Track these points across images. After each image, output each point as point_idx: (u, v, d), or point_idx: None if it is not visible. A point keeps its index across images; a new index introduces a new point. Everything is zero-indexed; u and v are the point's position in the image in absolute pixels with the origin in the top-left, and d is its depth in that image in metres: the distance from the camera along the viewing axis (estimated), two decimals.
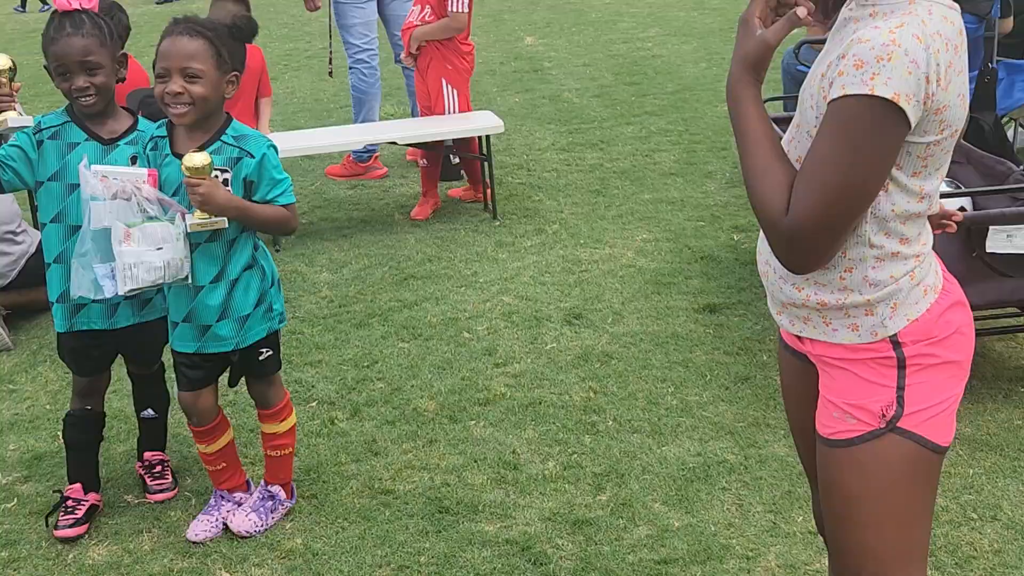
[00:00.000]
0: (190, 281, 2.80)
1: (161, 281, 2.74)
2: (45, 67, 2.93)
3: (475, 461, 3.33)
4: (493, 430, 3.51)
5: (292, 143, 5.58)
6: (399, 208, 5.84)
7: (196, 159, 2.64)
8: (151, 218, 2.70)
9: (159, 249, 2.69)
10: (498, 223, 5.49)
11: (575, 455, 3.32)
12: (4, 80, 2.84)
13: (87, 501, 3.15)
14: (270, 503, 3.09)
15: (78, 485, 3.17)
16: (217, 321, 2.86)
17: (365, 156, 6.39)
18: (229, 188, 2.78)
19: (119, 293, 2.75)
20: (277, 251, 5.23)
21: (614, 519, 2.99)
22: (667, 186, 5.88)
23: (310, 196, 6.18)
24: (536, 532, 2.95)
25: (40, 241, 3.07)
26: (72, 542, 3.06)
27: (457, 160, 6.16)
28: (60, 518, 3.10)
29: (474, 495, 3.14)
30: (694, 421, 3.48)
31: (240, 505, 3.09)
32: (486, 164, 5.53)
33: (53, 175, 2.93)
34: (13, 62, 2.87)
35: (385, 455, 3.40)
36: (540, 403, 3.65)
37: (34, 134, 2.92)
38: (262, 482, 3.13)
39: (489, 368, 3.93)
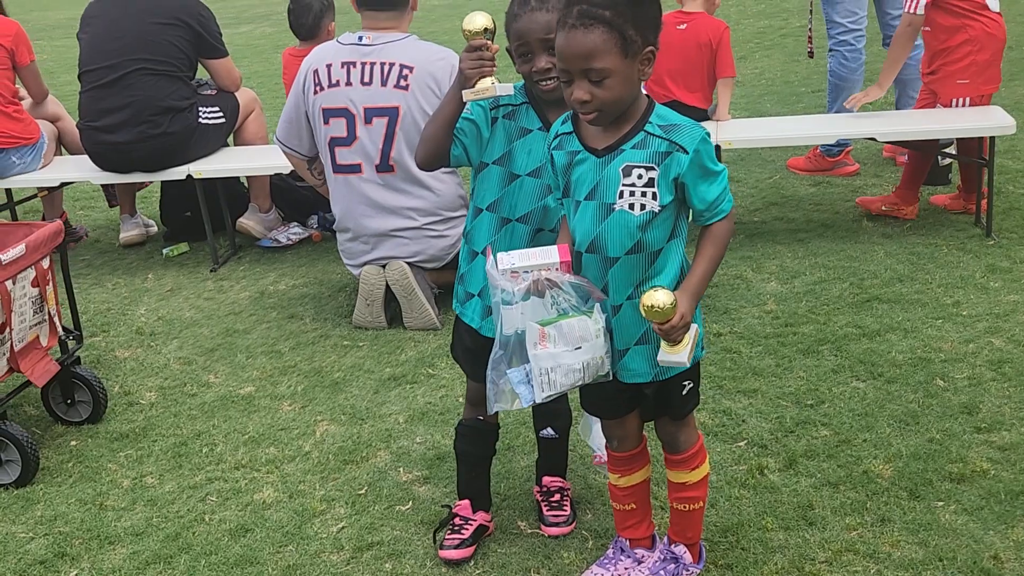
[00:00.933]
0: (610, 377, 2.35)
1: (580, 383, 2.31)
2: (508, 50, 2.58)
3: (940, 559, 2.58)
4: (968, 519, 2.72)
5: (756, 132, 4.99)
6: (868, 213, 5.04)
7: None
8: (566, 312, 2.26)
9: (577, 349, 2.25)
10: (992, 242, 4.53)
11: None
12: (485, 41, 2.46)
13: (475, 521, 2.83)
14: (672, 567, 2.58)
15: (466, 502, 2.86)
16: (635, 345, 2.38)
17: (835, 150, 5.64)
18: (655, 190, 2.26)
19: (536, 401, 2.32)
20: None
21: None
22: None
23: (766, 191, 5.55)
24: None
25: None
26: (456, 566, 2.75)
27: (947, 161, 5.24)
28: (447, 536, 2.81)
29: None
30: None
31: (640, 564, 2.60)
32: (985, 169, 4.58)
33: (498, 159, 2.59)
34: (493, 22, 2.50)
35: (823, 527, 2.75)
36: None
37: (491, 109, 2.58)
38: (665, 538, 2.62)
39: (967, 432, 3.12)
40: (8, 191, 5.47)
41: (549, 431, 2.91)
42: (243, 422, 3.64)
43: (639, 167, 2.26)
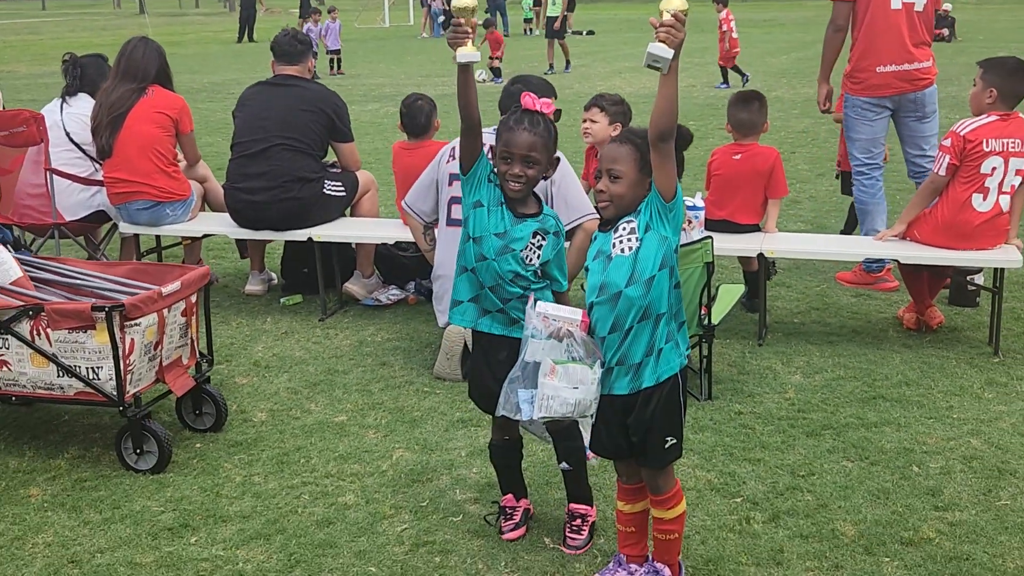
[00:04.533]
0: (593, 419, 3.09)
1: (569, 416, 3.05)
2: (492, 148, 3.41)
3: None
4: (906, 574, 3.35)
5: (794, 246, 5.76)
6: (895, 325, 5.68)
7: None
8: (574, 359, 3.02)
9: (575, 388, 3.01)
10: (997, 360, 5.14)
11: None
12: (464, 19, 3.31)
13: (519, 507, 3.68)
14: None
15: (510, 495, 3.69)
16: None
17: (876, 267, 6.29)
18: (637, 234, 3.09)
19: (534, 418, 3.10)
20: (760, 345, 5.37)
21: None
22: None
23: (811, 298, 6.21)
24: None
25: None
26: (511, 546, 3.57)
27: (978, 282, 5.85)
28: (503, 524, 3.64)
29: None
30: None
31: (632, 575, 3.29)
32: (995, 297, 5.20)
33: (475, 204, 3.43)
34: (475, 3, 3.35)
35: (787, 567, 3.40)
36: (967, 559, 3.40)
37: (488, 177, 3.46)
38: (650, 557, 3.31)
39: (926, 509, 3.74)
40: (158, 238, 6.47)
41: (565, 465, 3.63)
42: (335, 443, 4.43)
43: (626, 224, 3.09)
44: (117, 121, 6.00)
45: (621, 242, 3.07)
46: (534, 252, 3.39)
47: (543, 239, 3.40)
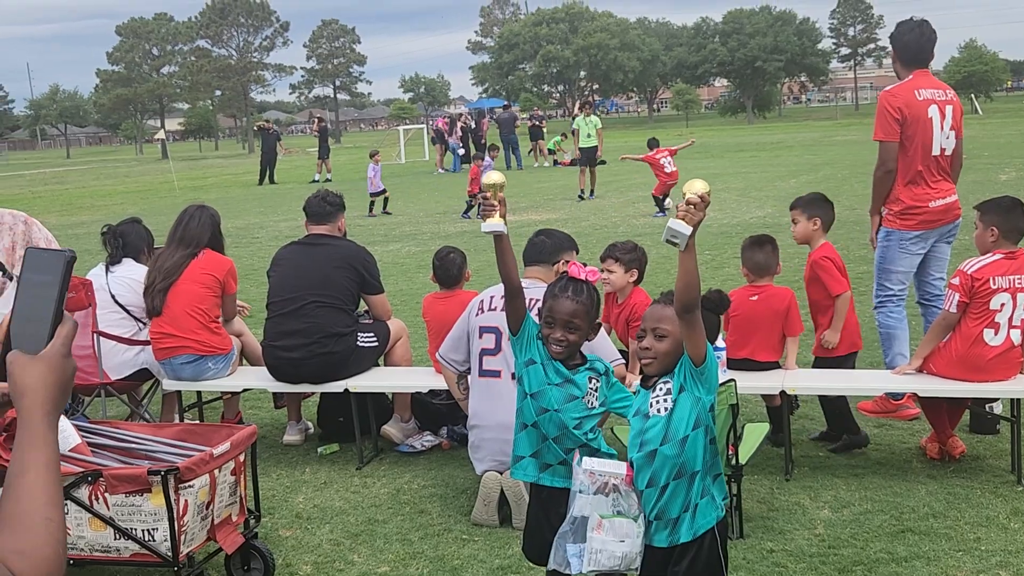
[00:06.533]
0: (637, 572, 3.29)
1: (617, 568, 3.25)
2: (539, 311, 3.66)
3: None
4: None
5: (815, 382, 5.90)
6: (919, 455, 5.81)
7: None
8: (620, 513, 3.22)
9: (621, 542, 3.22)
10: (1021, 488, 5.25)
11: None
12: (491, 193, 3.61)
13: None
14: None
15: None
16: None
17: (898, 394, 6.45)
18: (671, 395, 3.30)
19: (583, 571, 3.30)
20: (787, 480, 5.51)
21: None
22: None
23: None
24: None
25: None
26: None
27: (997, 411, 6.00)
28: None
29: None
30: None
31: None
32: (1014, 426, 5.35)
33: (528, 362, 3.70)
34: (502, 179, 3.66)
35: None
36: None
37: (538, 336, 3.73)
38: None
39: None
40: (199, 394, 6.71)
41: None
42: None
43: (662, 385, 3.30)
44: (169, 286, 6.33)
45: (658, 402, 3.29)
46: (593, 395, 3.64)
47: (597, 381, 3.65)
